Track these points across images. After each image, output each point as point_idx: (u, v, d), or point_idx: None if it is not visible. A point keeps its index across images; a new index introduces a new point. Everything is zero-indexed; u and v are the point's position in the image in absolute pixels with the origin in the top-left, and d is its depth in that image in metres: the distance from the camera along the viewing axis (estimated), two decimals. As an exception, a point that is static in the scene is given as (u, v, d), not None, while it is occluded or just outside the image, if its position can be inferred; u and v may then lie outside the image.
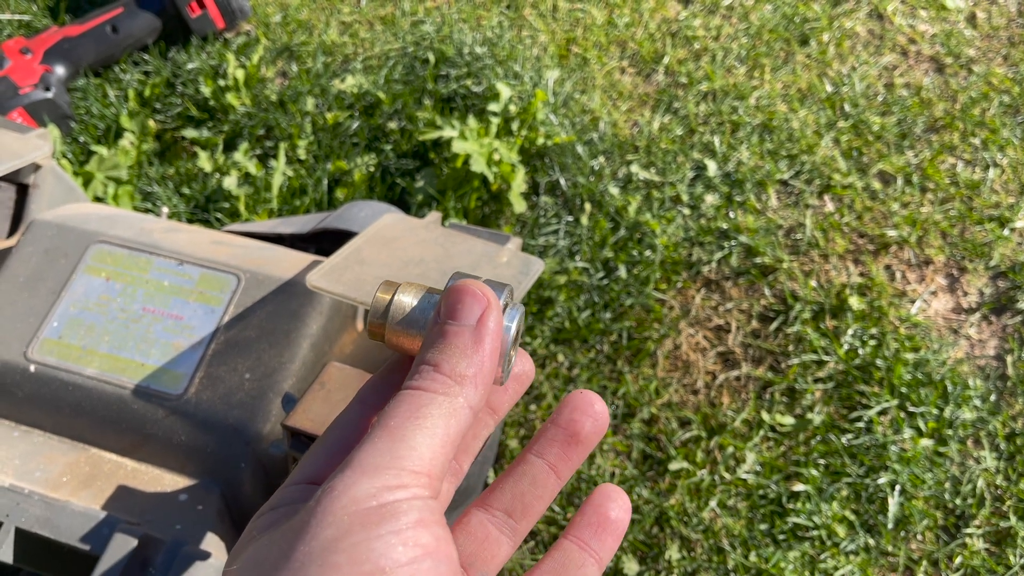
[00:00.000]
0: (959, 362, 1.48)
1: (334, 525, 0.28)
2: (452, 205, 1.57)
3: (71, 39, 1.71)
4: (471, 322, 0.33)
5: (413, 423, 0.31)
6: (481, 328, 0.33)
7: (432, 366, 0.32)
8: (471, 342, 0.33)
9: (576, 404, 0.40)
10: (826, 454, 1.40)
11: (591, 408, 0.40)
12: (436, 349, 0.33)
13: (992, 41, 1.88)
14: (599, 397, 0.41)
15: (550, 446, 0.40)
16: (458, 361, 0.32)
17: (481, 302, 0.33)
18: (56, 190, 1.09)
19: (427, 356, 0.33)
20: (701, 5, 1.95)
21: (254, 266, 0.88)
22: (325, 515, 0.29)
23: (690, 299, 1.55)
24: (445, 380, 0.32)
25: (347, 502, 0.29)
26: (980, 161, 1.70)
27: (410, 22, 1.90)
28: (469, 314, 0.33)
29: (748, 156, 1.69)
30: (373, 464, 0.30)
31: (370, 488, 0.29)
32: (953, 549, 1.33)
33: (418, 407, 0.31)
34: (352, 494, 0.29)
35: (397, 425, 0.31)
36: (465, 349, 0.32)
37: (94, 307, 0.87)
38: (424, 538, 0.28)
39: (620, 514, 0.40)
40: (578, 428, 0.40)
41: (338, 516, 0.28)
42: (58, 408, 0.83)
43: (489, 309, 0.33)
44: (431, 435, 0.31)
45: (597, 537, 0.40)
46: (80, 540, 0.74)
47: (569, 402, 0.41)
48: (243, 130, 1.71)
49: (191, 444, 0.81)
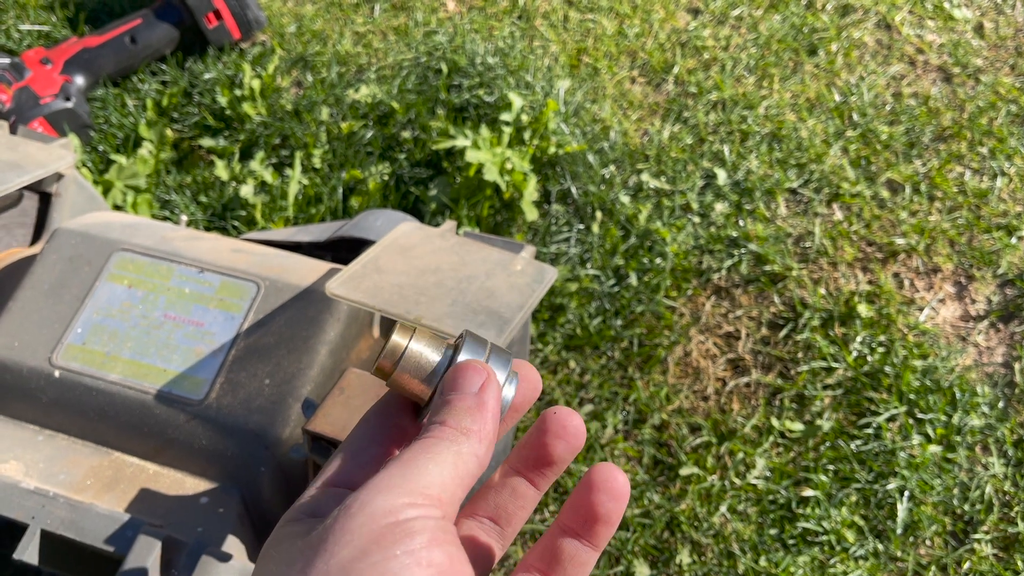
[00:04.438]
0: (967, 369, 1.49)
1: (351, 544, 0.30)
2: (465, 213, 1.59)
3: (91, 50, 1.73)
4: (473, 391, 0.36)
5: (424, 455, 0.34)
6: (482, 394, 0.36)
7: (439, 423, 0.35)
8: (474, 404, 0.36)
9: (548, 427, 0.40)
10: (835, 460, 1.41)
11: (564, 431, 0.40)
12: (442, 413, 0.36)
13: (999, 51, 1.90)
14: (573, 413, 0.40)
15: (525, 465, 0.41)
16: (462, 418, 0.35)
17: (481, 375, 0.37)
18: (78, 199, 1.11)
19: (435, 419, 0.36)
20: (710, 15, 1.97)
21: (273, 274, 0.90)
22: (343, 533, 0.30)
23: (700, 306, 1.57)
24: (452, 432, 0.35)
25: (364, 520, 0.30)
26: (988, 170, 1.71)
27: (423, 32, 1.93)
28: (471, 385, 0.36)
29: (757, 165, 1.71)
30: (387, 485, 0.32)
31: (385, 505, 0.31)
32: (961, 554, 1.34)
33: (428, 446, 0.34)
34: (368, 511, 0.31)
35: (410, 458, 0.34)
36: (469, 410, 0.36)
37: (117, 314, 0.89)
38: (438, 558, 0.30)
39: (612, 506, 0.39)
40: (550, 451, 0.40)
41: (355, 535, 0.30)
42: (82, 413, 0.85)
43: (489, 380, 0.37)
44: (440, 465, 0.33)
45: (588, 528, 0.39)
46: (104, 542, 0.75)
47: (542, 424, 0.41)
48: (259, 139, 1.73)
49: (212, 448, 0.82)
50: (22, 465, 0.82)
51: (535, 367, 0.42)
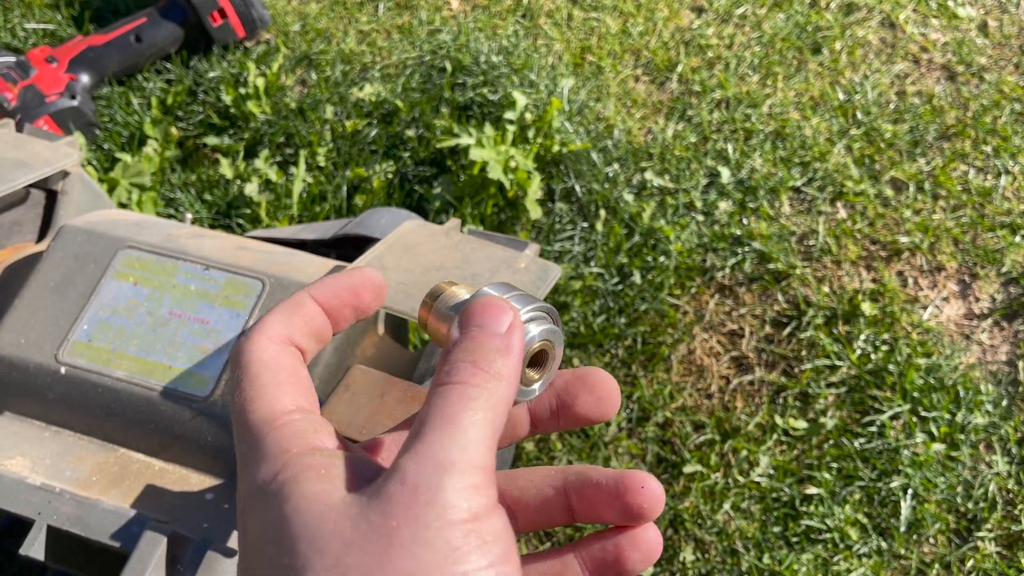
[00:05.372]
0: (971, 367, 1.49)
1: (430, 546, 0.28)
2: (469, 211, 1.59)
3: (96, 48, 1.74)
4: (500, 330, 0.34)
5: (468, 416, 0.31)
6: (510, 335, 0.34)
7: (469, 363, 0.33)
8: (502, 346, 0.34)
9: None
10: (839, 458, 1.41)
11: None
12: (469, 351, 0.33)
13: (1004, 49, 1.89)
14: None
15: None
16: (494, 359, 0.33)
17: (507, 314, 0.34)
18: (84, 196, 1.12)
19: (461, 357, 0.33)
20: (714, 14, 1.97)
21: (278, 271, 0.90)
22: (419, 527, 0.28)
23: (704, 304, 1.57)
24: (484, 375, 0.32)
25: (439, 511, 0.29)
26: (992, 168, 1.71)
27: (427, 31, 1.93)
28: (496, 323, 0.34)
29: (761, 163, 1.71)
30: (448, 459, 0.30)
31: (454, 490, 0.29)
32: (965, 553, 1.34)
33: (468, 400, 0.31)
34: (441, 501, 0.29)
35: (454, 415, 0.31)
36: (499, 350, 0.33)
37: (123, 311, 0.89)
38: (511, 571, 0.29)
39: (640, 559, 0.37)
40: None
41: (432, 533, 0.28)
42: (88, 409, 0.85)
43: (516, 322, 0.34)
44: (483, 428, 0.31)
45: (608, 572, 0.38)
46: (111, 537, 0.76)
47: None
48: (263, 137, 1.73)
49: (217, 445, 0.83)
50: (28, 461, 0.82)
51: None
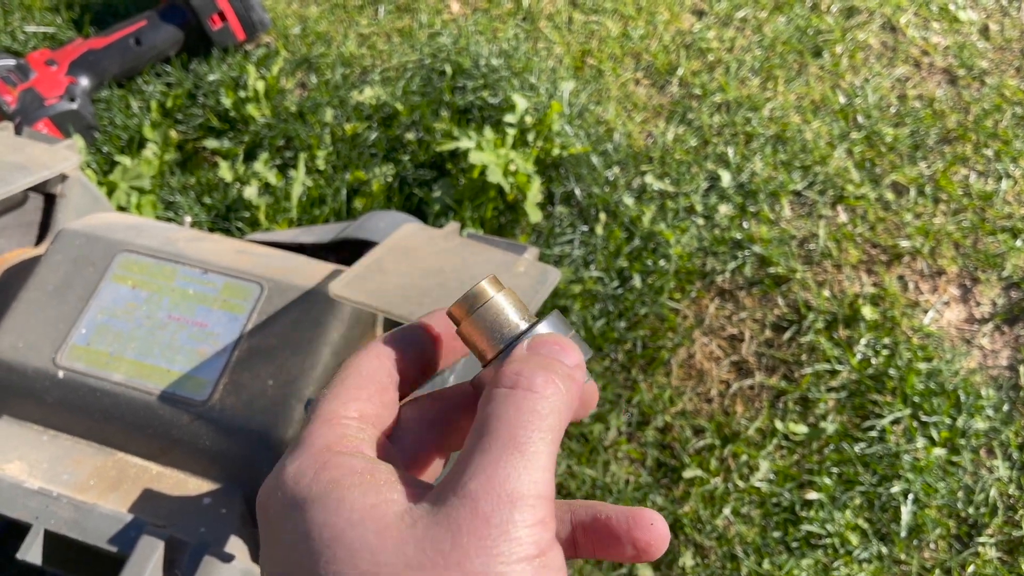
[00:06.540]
0: (972, 372, 1.49)
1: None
2: (469, 215, 1.59)
3: (95, 51, 1.74)
4: (570, 363, 0.35)
5: (538, 437, 0.31)
6: (578, 370, 0.35)
7: (542, 369, 0.33)
8: (570, 374, 0.34)
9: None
10: (839, 463, 1.41)
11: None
12: (543, 365, 0.34)
13: (1004, 53, 1.89)
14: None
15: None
16: (563, 379, 0.34)
17: (578, 355, 0.36)
18: (82, 200, 1.11)
19: (534, 364, 0.34)
20: (715, 17, 1.97)
21: (277, 275, 0.90)
22: (491, 561, 0.29)
23: (704, 308, 1.56)
24: (556, 388, 0.33)
25: (511, 545, 0.29)
26: (993, 172, 1.70)
27: (427, 34, 1.93)
28: (568, 357, 0.35)
29: (762, 167, 1.70)
30: (518, 492, 0.30)
31: (524, 525, 0.29)
32: (966, 558, 1.34)
33: (536, 417, 0.32)
34: (512, 536, 0.29)
35: (523, 437, 0.31)
36: (569, 375, 0.34)
37: (121, 314, 0.89)
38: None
39: None
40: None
41: (507, 568, 0.29)
42: (86, 413, 0.85)
43: (581, 364, 0.36)
44: (550, 454, 0.32)
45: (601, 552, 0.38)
46: (108, 542, 0.76)
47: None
48: (263, 141, 1.73)
49: (215, 449, 0.82)
50: (26, 465, 0.82)
51: None
